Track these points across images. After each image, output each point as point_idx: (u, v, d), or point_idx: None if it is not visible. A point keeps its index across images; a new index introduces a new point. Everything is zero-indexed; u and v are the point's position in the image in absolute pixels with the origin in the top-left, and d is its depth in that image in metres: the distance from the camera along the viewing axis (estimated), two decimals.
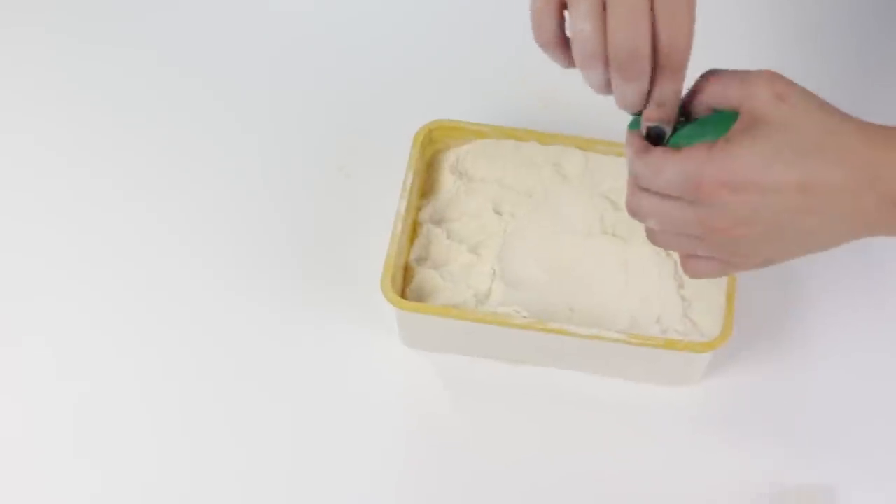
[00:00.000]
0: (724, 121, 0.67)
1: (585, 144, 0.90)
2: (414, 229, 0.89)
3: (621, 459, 0.84)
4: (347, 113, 0.99)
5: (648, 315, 0.84)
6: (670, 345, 0.81)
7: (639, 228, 0.87)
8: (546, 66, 0.75)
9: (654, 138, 0.69)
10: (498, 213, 0.89)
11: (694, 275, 0.71)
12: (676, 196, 0.67)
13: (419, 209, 0.89)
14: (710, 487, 0.83)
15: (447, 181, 0.91)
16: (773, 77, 0.66)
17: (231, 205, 0.95)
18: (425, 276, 0.87)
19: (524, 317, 0.83)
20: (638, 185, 0.70)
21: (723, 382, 0.86)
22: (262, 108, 1.00)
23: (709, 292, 0.84)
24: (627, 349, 0.81)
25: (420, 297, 0.86)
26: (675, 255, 0.86)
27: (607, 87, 0.69)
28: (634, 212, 0.71)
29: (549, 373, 0.87)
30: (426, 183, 0.91)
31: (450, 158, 0.91)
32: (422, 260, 0.88)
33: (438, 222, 0.89)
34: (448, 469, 0.84)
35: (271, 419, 0.86)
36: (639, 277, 0.86)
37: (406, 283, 0.87)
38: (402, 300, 0.83)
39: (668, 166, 0.67)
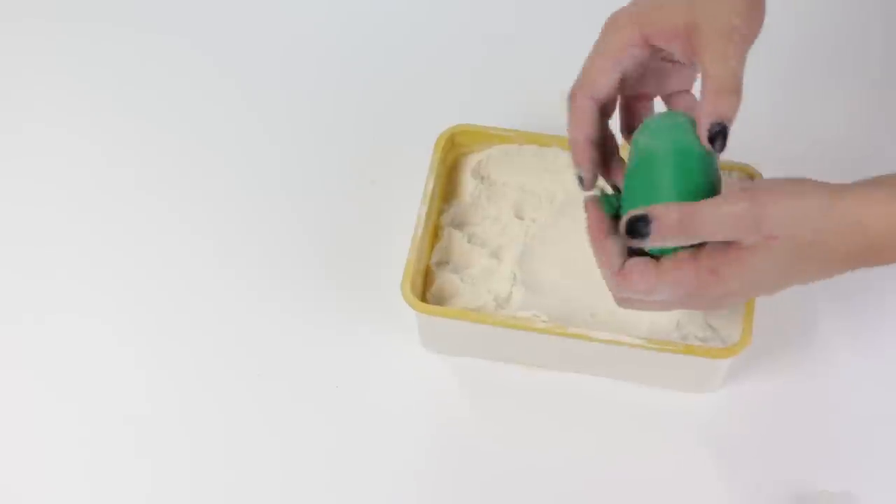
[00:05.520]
0: None
1: None
2: (435, 233, 0.89)
3: (640, 465, 0.84)
4: (370, 117, 1.00)
5: (668, 321, 0.84)
6: (690, 351, 0.81)
7: None
8: (569, 71, 0.75)
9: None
10: (519, 217, 0.89)
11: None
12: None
13: (440, 213, 0.89)
14: (730, 494, 0.83)
15: (469, 185, 0.91)
16: (755, 214, 0.65)
17: (253, 210, 0.96)
18: (446, 279, 0.87)
19: (544, 321, 0.83)
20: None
21: (742, 389, 0.86)
22: (284, 115, 1.00)
23: None
24: (647, 355, 0.81)
25: (440, 301, 0.86)
26: None
27: None
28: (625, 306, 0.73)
29: (569, 378, 0.87)
30: (448, 187, 0.91)
31: (472, 163, 0.91)
32: (442, 264, 0.88)
33: (460, 226, 0.89)
34: (467, 472, 0.84)
35: (291, 421, 0.87)
36: None
37: (427, 287, 0.87)
38: (422, 303, 0.84)
39: (658, 289, 0.68)
